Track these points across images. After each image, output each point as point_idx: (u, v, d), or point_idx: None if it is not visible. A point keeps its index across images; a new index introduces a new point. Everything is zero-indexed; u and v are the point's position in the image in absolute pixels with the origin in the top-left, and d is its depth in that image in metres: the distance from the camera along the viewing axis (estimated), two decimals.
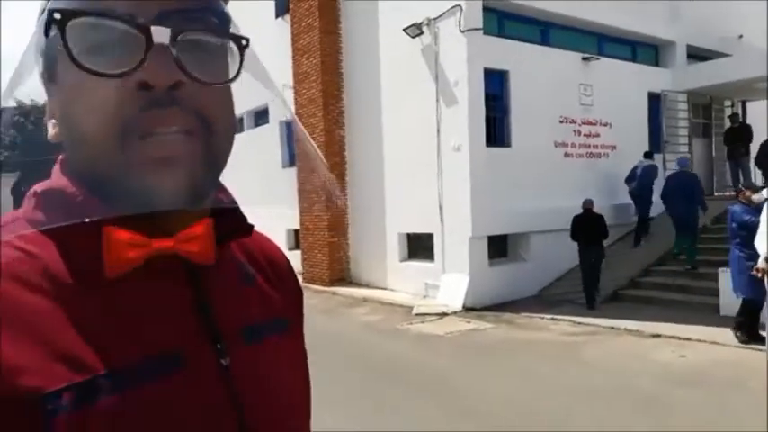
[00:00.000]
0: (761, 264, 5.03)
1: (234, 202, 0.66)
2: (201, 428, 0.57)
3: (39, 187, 0.61)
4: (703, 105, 13.41)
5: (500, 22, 10.21)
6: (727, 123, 12.23)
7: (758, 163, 10.88)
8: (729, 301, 7.73)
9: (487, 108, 9.45)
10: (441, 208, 9.49)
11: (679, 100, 12.35)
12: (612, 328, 7.53)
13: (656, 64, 12.60)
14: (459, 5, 9.24)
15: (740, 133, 11.48)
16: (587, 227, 8.70)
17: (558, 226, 9.83)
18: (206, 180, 0.59)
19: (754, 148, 11.18)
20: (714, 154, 13.32)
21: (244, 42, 0.60)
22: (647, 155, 11.01)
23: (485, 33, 9.49)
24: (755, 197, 5.91)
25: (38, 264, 0.55)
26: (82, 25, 0.53)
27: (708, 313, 7.81)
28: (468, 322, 8.18)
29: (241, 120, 14.26)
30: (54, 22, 0.53)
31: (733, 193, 11.26)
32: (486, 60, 9.40)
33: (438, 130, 9.58)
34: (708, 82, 11.77)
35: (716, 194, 12.66)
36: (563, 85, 10.35)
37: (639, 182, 10.33)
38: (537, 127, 10.00)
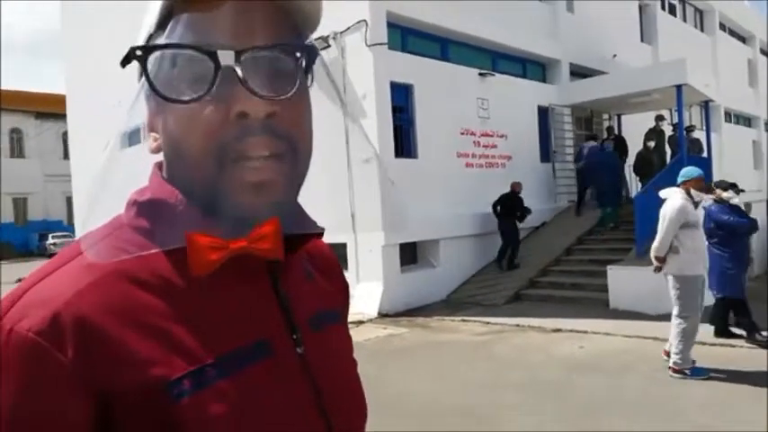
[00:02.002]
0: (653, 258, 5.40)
1: (302, 210, 0.70)
2: (290, 410, 0.63)
3: (139, 196, 0.64)
4: (585, 118, 14.64)
5: (403, 38, 10.60)
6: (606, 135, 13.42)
7: (636, 171, 11.96)
8: (618, 295, 8.56)
9: (394, 120, 9.78)
10: (353, 218, 9.67)
11: (564, 113, 13.39)
12: (518, 325, 8.05)
13: (544, 80, 13.54)
14: (365, 20, 9.52)
15: (615, 144, 12.47)
16: (509, 203, 10.43)
17: (463, 232, 10.38)
18: (292, 198, 0.65)
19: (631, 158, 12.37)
20: None
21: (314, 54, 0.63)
22: (590, 138, 12.57)
23: (389, 48, 9.84)
24: (726, 195, 5.83)
25: (147, 266, 0.60)
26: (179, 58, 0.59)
27: (600, 308, 8.58)
28: (385, 328, 8.39)
29: None
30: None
31: None
32: (391, 74, 9.74)
33: (347, 142, 9.74)
34: (588, 97, 12.81)
35: None
36: (462, 98, 10.91)
37: (587, 159, 11.70)
38: (440, 139, 10.47)
